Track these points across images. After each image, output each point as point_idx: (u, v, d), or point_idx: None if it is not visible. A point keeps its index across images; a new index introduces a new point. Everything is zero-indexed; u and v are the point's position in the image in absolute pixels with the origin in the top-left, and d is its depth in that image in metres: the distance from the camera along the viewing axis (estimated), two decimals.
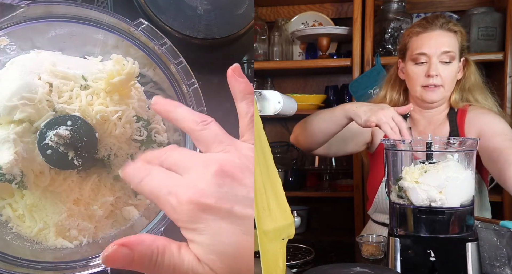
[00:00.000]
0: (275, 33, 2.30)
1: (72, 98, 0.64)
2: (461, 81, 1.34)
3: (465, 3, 2.21)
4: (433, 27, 1.28)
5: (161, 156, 0.48)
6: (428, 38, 1.28)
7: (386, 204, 1.39)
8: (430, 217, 0.86)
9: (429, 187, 0.86)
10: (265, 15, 2.45)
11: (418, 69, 1.29)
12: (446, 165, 0.87)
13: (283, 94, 0.83)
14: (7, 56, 0.64)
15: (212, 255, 0.44)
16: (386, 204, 1.37)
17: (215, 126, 0.50)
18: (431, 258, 0.86)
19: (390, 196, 0.94)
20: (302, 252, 1.17)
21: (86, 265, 0.60)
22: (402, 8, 2.08)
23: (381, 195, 1.42)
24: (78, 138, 0.62)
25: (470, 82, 1.35)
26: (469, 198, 0.89)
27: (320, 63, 2.21)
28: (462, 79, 1.34)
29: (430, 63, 1.26)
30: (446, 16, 1.39)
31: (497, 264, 0.93)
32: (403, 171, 0.91)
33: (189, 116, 0.51)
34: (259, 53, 2.28)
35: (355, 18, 2.08)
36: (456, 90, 1.34)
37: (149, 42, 0.63)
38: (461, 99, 1.35)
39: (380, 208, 1.45)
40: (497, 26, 1.95)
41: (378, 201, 1.44)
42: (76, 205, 0.65)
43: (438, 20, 1.30)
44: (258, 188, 0.71)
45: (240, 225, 0.44)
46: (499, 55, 1.94)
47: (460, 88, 1.35)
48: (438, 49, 1.26)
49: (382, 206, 1.43)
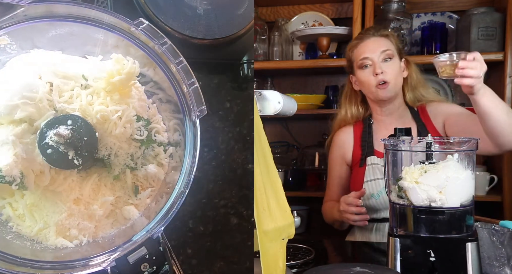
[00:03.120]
0: (275, 33, 2.30)
1: (73, 97, 0.64)
2: (408, 80, 1.56)
3: (465, 3, 2.21)
4: (367, 36, 1.54)
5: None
6: (366, 45, 1.52)
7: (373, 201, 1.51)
8: (430, 217, 0.86)
9: (429, 187, 0.86)
10: (265, 15, 2.45)
11: (366, 72, 1.51)
12: (446, 165, 0.87)
13: (283, 94, 0.84)
14: (8, 55, 0.64)
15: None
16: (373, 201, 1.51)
17: None
18: (431, 258, 0.86)
19: (390, 196, 0.94)
20: (302, 252, 1.17)
21: (86, 265, 0.60)
22: (402, 8, 2.08)
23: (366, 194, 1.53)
24: (78, 137, 0.62)
25: (414, 80, 1.57)
26: (469, 198, 0.89)
27: (320, 63, 2.21)
28: (409, 77, 1.56)
29: (374, 63, 1.49)
30: (376, 26, 1.74)
31: (496, 264, 0.93)
32: (403, 171, 0.91)
33: None
34: (259, 53, 2.28)
35: (355, 18, 2.08)
36: (408, 90, 1.56)
37: (149, 41, 0.63)
38: (415, 97, 1.57)
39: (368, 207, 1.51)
40: (497, 26, 1.95)
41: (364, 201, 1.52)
42: (76, 205, 0.65)
43: (370, 30, 1.57)
44: (258, 188, 0.71)
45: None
46: (499, 55, 1.94)
47: (409, 87, 1.57)
48: (377, 50, 1.49)
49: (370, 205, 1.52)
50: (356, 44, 1.55)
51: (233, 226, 0.82)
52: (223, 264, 0.82)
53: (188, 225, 0.81)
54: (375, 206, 1.51)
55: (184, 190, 0.63)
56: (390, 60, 1.49)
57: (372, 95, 1.53)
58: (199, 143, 0.64)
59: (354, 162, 1.60)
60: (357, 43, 1.54)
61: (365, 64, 1.50)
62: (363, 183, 1.52)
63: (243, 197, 0.83)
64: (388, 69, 1.48)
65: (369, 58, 1.49)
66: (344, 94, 1.67)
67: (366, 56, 1.50)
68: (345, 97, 1.66)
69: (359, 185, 1.53)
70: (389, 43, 1.52)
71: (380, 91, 1.48)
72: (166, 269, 0.61)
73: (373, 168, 1.52)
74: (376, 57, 1.48)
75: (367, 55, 1.50)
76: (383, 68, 1.47)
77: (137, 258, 0.60)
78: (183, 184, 0.63)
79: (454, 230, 0.86)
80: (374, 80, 1.48)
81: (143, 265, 0.60)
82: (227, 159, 0.83)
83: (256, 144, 0.73)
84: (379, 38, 1.52)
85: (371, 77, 1.49)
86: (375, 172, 1.52)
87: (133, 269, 0.60)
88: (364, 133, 1.60)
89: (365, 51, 1.51)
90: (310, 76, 2.50)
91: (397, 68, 1.50)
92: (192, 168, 0.63)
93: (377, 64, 1.48)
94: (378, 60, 1.48)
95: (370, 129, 1.59)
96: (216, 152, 0.83)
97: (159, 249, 0.61)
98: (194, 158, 0.63)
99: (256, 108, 0.77)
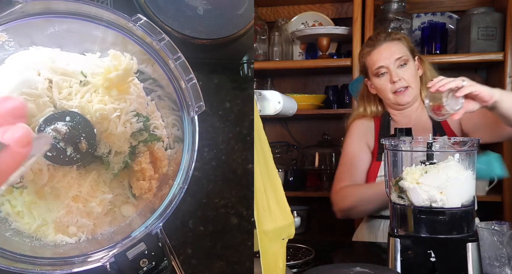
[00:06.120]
0: (275, 33, 2.30)
1: (71, 94, 0.64)
2: (423, 78, 1.53)
3: (465, 3, 2.21)
4: (379, 43, 1.50)
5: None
6: (379, 53, 1.48)
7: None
8: (430, 218, 0.86)
9: (429, 187, 0.86)
10: (265, 15, 2.45)
11: (383, 80, 1.48)
12: (447, 166, 0.87)
13: (283, 94, 0.83)
14: (6, 52, 0.64)
15: None
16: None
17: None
18: (431, 259, 0.85)
19: (390, 196, 0.94)
20: (302, 252, 1.17)
21: (85, 261, 0.60)
22: (402, 8, 2.08)
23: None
24: (77, 134, 0.62)
25: (428, 78, 1.50)
26: (470, 199, 0.88)
27: (320, 63, 2.21)
28: (423, 75, 1.53)
29: (390, 71, 1.46)
30: (386, 30, 1.68)
31: (497, 264, 0.93)
32: (403, 172, 0.91)
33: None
34: (259, 53, 2.28)
35: (355, 18, 2.08)
36: (423, 88, 1.52)
37: (146, 37, 0.63)
38: None
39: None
40: (497, 26, 1.95)
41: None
42: (74, 202, 0.65)
43: (381, 36, 1.52)
44: (258, 188, 0.71)
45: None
46: (499, 55, 1.94)
47: (425, 84, 1.51)
48: (391, 58, 1.46)
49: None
50: (369, 51, 1.51)
51: (233, 226, 0.82)
52: (223, 264, 0.81)
53: (188, 225, 0.81)
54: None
55: (183, 186, 0.63)
56: (406, 65, 1.46)
57: (390, 101, 1.50)
58: (198, 139, 0.64)
59: (373, 155, 1.58)
60: (370, 51, 1.51)
61: (381, 73, 1.47)
62: (376, 177, 1.50)
63: (243, 197, 0.83)
64: (405, 74, 1.45)
65: (384, 67, 1.46)
66: (360, 95, 1.65)
67: (381, 65, 1.46)
68: (362, 97, 1.64)
69: (373, 179, 1.51)
70: (402, 46, 1.48)
71: (399, 97, 1.46)
72: (165, 264, 0.61)
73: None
74: (392, 64, 1.45)
75: (381, 63, 1.46)
76: (400, 75, 1.44)
77: (136, 254, 0.60)
78: (181, 180, 0.63)
79: (455, 231, 0.86)
80: (391, 87, 1.46)
81: (142, 261, 0.60)
82: (227, 159, 0.83)
83: (256, 144, 0.73)
84: (391, 43, 1.48)
85: (388, 85, 1.47)
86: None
87: (132, 265, 0.60)
88: (382, 128, 1.57)
89: (379, 59, 1.47)
90: (310, 76, 2.50)
91: (414, 72, 1.48)
92: (190, 164, 0.63)
93: (393, 72, 1.45)
94: (394, 67, 1.45)
95: (388, 125, 1.57)
96: (216, 152, 0.83)
97: (158, 245, 0.61)
98: (192, 154, 0.63)
99: (256, 108, 0.77)
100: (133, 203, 0.70)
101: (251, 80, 0.84)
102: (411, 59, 1.48)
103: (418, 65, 1.51)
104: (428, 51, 2.13)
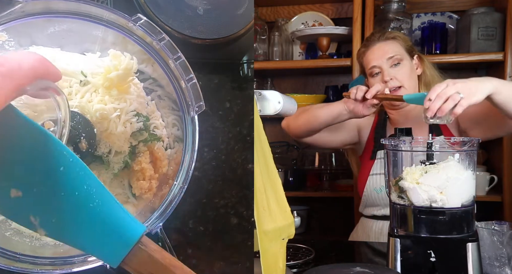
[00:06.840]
0: (275, 33, 2.30)
1: (72, 94, 0.64)
2: (422, 77, 1.53)
3: (465, 3, 2.21)
4: (373, 43, 1.51)
5: None
6: (372, 52, 1.50)
7: (374, 196, 1.51)
8: (430, 218, 0.86)
9: (429, 187, 0.86)
10: (265, 15, 2.45)
11: (376, 79, 1.49)
12: (447, 166, 0.87)
13: (283, 94, 0.83)
14: (6, 52, 0.64)
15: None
16: (375, 196, 1.51)
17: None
18: (431, 259, 0.86)
19: (390, 196, 0.94)
20: (302, 252, 1.17)
21: (85, 260, 0.60)
22: (402, 8, 2.08)
23: (369, 187, 1.52)
24: (77, 133, 0.62)
25: (428, 77, 1.53)
26: (470, 199, 0.88)
27: (320, 63, 2.21)
28: (423, 74, 1.53)
29: (382, 70, 1.47)
30: (381, 30, 1.67)
31: (497, 264, 0.93)
32: (403, 172, 0.91)
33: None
34: (259, 53, 2.28)
35: (355, 18, 2.08)
36: (422, 87, 1.52)
37: (147, 37, 0.63)
38: None
39: (369, 201, 1.54)
40: (497, 26, 1.96)
41: (366, 194, 1.54)
42: None
43: (375, 36, 1.53)
44: (258, 188, 0.71)
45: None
46: (499, 55, 1.94)
47: (423, 84, 1.53)
48: (383, 57, 1.47)
49: (371, 199, 1.52)
50: (363, 52, 1.54)
51: (233, 226, 0.82)
52: (223, 264, 0.81)
53: (188, 225, 0.81)
54: (375, 201, 1.51)
55: (183, 185, 0.62)
56: (399, 64, 1.46)
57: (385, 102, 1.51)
58: (198, 139, 0.64)
59: (366, 153, 1.59)
60: (364, 51, 1.53)
61: (375, 72, 1.49)
62: (368, 176, 1.52)
63: (243, 197, 0.83)
64: (398, 74, 1.45)
65: (376, 66, 1.48)
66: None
67: (374, 64, 1.48)
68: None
69: (365, 177, 1.53)
70: (396, 46, 1.49)
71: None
72: None
73: (381, 162, 1.52)
74: (384, 64, 1.46)
75: (374, 63, 1.48)
76: (392, 75, 1.45)
77: None
78: (182, 180, 0.63)
79: (455, 231, 0.86)
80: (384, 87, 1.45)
81: None
82: (227, 159, 0.83)
83: (256, 144, 0.73)
84: (384, 43, 1.49)
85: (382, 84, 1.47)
86: (382, 167, 1.52)
87: None
88: (378, 125, 1.59)
89: (373, 59, 1.49)
90: (310, 76, 2.50)
91: (408, 71, 1.47)
92: (191, 163, 0.63)
93: (385, 72, 1.46)
94: (387, 66, 1.46)
95: (384, 122, 1.59)
96: (216, 152, 0.83)
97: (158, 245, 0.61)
98: (193, 153, 0.63)
99: (256, 108, 0.77)
100: (133, 203, 0.70)
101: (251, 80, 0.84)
102: (407, 58, 1.48)
103: (417, 64, 1.51)
104: (428, 51, 2.13)
